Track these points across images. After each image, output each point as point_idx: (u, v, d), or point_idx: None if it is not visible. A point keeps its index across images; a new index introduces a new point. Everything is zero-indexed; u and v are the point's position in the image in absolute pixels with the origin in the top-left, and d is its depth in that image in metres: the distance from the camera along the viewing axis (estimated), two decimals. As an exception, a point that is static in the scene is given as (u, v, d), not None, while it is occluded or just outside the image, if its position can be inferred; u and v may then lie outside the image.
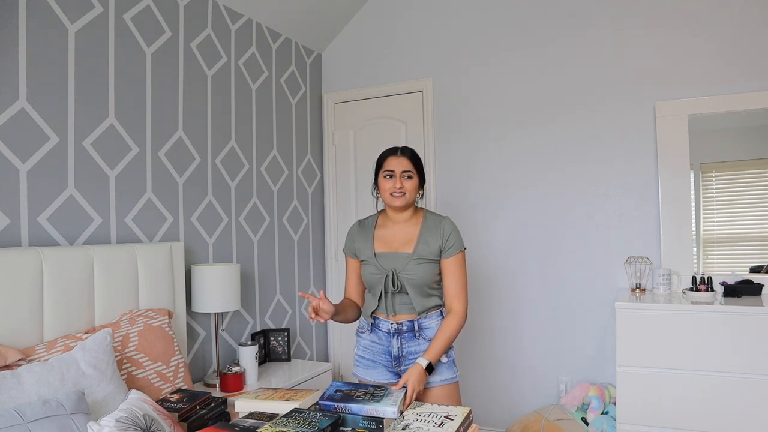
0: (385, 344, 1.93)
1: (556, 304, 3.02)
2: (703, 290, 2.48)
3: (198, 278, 2.43)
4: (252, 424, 1.46)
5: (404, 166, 1.89)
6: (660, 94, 2.80)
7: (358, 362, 2.01)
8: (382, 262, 1.91)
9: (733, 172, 2.68)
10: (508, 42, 3.14)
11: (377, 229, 1.99)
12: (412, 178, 1.89)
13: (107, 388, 1.64)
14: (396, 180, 1.87)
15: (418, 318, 1.90)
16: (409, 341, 1.91)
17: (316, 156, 3.59)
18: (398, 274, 1.88)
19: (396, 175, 1.88)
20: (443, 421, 1.46)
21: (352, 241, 2.02)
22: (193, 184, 2.62)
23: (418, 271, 1.87)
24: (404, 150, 1.93)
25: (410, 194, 1.89)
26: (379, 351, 1.94)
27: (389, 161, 1.92)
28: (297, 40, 3.41)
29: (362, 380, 1.98)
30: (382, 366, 1.95)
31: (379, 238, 1.96)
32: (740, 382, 2.20)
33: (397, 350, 1.91)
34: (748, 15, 2.64)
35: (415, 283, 1.87)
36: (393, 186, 1.87)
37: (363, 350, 1.99)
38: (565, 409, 2.73)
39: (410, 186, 1.89)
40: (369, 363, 1.97)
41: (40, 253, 1.81)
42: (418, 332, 1.90)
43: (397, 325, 1.91)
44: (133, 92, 2.32)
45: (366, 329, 1.98)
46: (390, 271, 1.88)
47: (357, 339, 2.03)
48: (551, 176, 3.04)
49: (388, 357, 1.93)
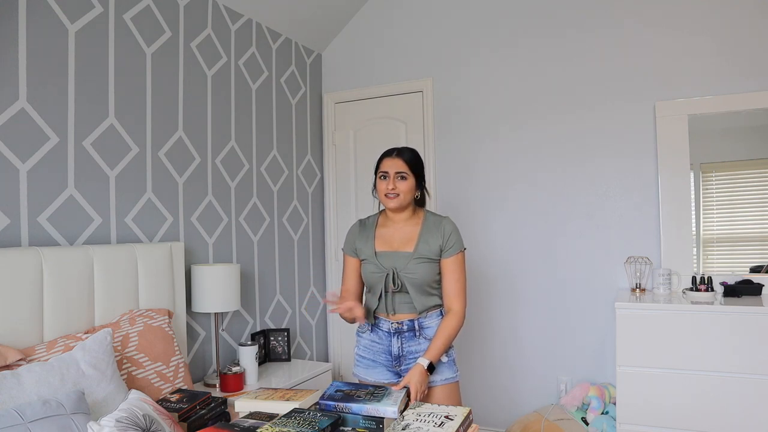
0: (385, 344, 1.94)
1: (556, 304, 3.02)
2: (703, 290, 2.48)
3: (198, 278, 2.43)
4: (252, 424, 1.46)
5: (398, 167, 1.89)
6: (660, 94, 2.80)
7: (358, 362, 2.01)
8: (382, 261, 1.92)
9: (733, 172, 2.68)
10: (508, 42, 3.14)
11: (378, 229, 1.99)
12: (406, 179, 1.89)
13: (107, 388, 1.64)
14: (389, 181, 1.89)
15: (418, 317, 1.91)
16: (410, 341, 1.91)
17: (316, 156, 3.59)
18: (399, 273, 1.89)
19: (390, 176, 1.89)
20: (443, 421, 1.46)
21: (353, 240, 2.02)
22: (193, 184, 2.62)
23: (419, 270, 1.88)
24: (401, 151, 1.94)
25: (404, 195, 1.90)
26: (380, 351, 1.95)
27: (384, 162, 1.93)
28: (297, 40, 3.41)
29: (362, 380, 1.99)
30: (383, 366, 1.96)
31: (380, 237, 1.97)
32: (740, 382, 2.20)
33: (398, 350, 1.92)
34: (748, 15, 2.64)
35: (416, 282, 1.88)
36: (386, 187, 1.89)
37: (363, 350, 2.00)
38: (565, 409, 2.73)
39: (404, 187, 1.89)
40: (369, 363, 1.97)
41: (40, 253, 1.81)
42: (418, 332, 1.91)
43: (397, 324, 1.91)
44: (133, 92, 2.32)
45: (366, 329, 1.99)
46: (390, 270, 1.89)
47: (357, 339, 2.04)
48: (551, 176, 3.04)
49: (388, 357, 1.94)
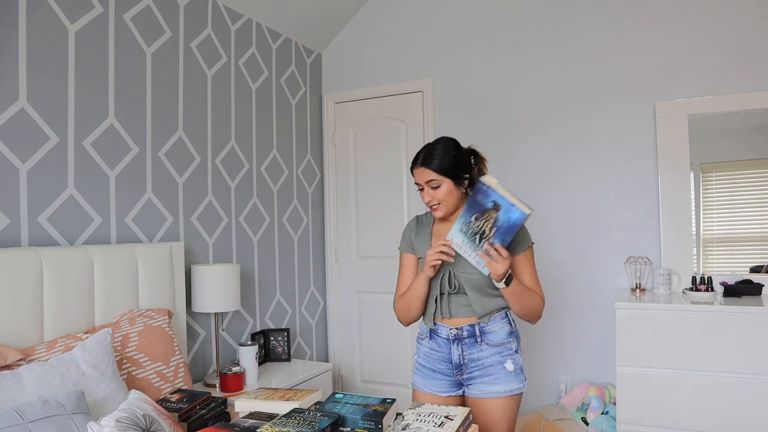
0: (444, 351, 1.79)
1: (555, 304, 3.02)
2: (703, 290, 2.48)
3: (198, 278, 2.43)
4: (252, 424, 1.46)
5: (426, 177, 1.73)
6: (660, 94, 2.80)
7: (417, 371, 1.87)
8: None
9: (733, 172, 2.68)
10: (508, 43, 3.14)
11: (435, 225, 1.86)
12: (440, 187, 1.73)
13: (107, 388, 1.64)
14: (425, 193, 1.75)
15: (479, 322, 1.76)
16: (471, 347, 1.76)
17: (316, 156, 3.59)
18: (456, 273, 1.75)
19: (424, 187, 1.75)
20: (443, 421, 1.46)
21: (410, 237, 1.88)
22: (193, 184, 2.62)
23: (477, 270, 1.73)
24: (425, 158, 1.74)
25: (446, 201, 1.74)
26: (439, 359, 1.81)
27: (414, 173, 1.78)
28: (297, 40, 3.41)
29: (419, 391, 1.85)
30: (443, 375, 1.81)
31: (437, 234, 1.83)
32: (740, 382, 2.20)
33: (458, 357, 1.77)
34: (748, 15, 2.64)
35: (475, 283, 1.73)
36: (425, 200, 1.76)
37: (423, 358, 1.85)
38: (565, 409, 2.73)
39: (441, 195, 1.73)
40: (428, 373, 1.83)
41: (40, 253, 1.81)
42: (480, 337, 1.75)
43: (456, 330, 1.76)
44: (133, 92, 2.32)
45: (425, 335, 1.85)
46: (447, 269, 1.75)
47: (417, 346, 1.90)
48: (551, 176, 3.04)
49: (449, 365, 1.79)
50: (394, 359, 3.42)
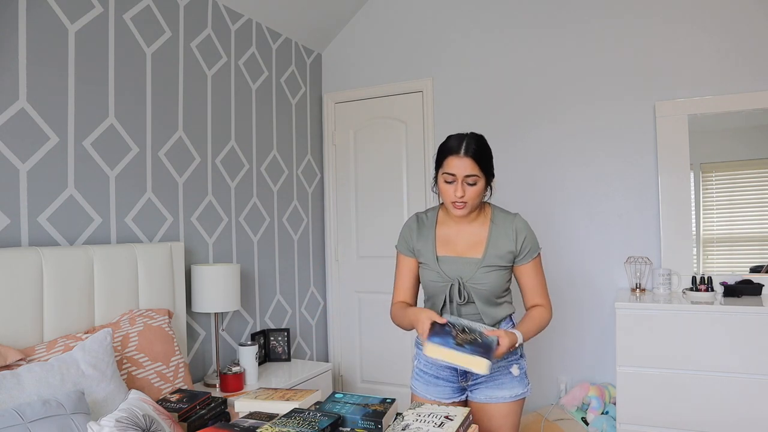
0: None
1: (555, 304, 3.01)
2: (703, 290, 2.48)
3: (198, 278, 2.43)
4: (252, 424, 1.46)
5: (468, 170, 1.57)
6: (660, 93, 2.80)
7: (418, 377, 1.78)
8: (445, 268, 1.68)
9: (733, 172, 2.68)
10: (508, 42, 3.14)
11: (439, 227, 1.73)
12: (476, 184, 1.59)
13: (107, 388, 1.64)
14: (458, 187, 1.58)
15: None
16: None
17: (316, 156, 3.59)
18: (465, 283, 1.65)
19: (458, 180, 1.58)
20: (443, 421, 1.46)
21: (411, 239, 1.75)
22: (193, 184, 2.62)
23: (488, 280, 1.65)
24: (468, 147, 1.57)
25: (473, 202, 1.61)
26: (444, 365, 1.71)
27: (450, 162, 1.59)
28: (297, 40, 3.41)
29: (420, 397, 1.78)
30: (446, 381, 1.74)
31: (442, 238, 1.71)
32: (740, 382, 2.20)
33: None
34: (748, 15, 2.64)
35: (484, 293, 1.66)
36: (454, 194, 1.59)
37: (425, 364, 1.75)
38: (565, 409, 2.73)
39: (473, 193, 1.60)
40: (431, 379, 1.75)
41: (40, 253, 1.81)
42: None
43: None
44: (133, 92, 2.32)
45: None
46: (456, 279, 1.65)
47: (416, 351, 1.81)
48: (551, 176, 3.04)
49: (453, 371, 1.72)
50: (394, 359, 3.42)
